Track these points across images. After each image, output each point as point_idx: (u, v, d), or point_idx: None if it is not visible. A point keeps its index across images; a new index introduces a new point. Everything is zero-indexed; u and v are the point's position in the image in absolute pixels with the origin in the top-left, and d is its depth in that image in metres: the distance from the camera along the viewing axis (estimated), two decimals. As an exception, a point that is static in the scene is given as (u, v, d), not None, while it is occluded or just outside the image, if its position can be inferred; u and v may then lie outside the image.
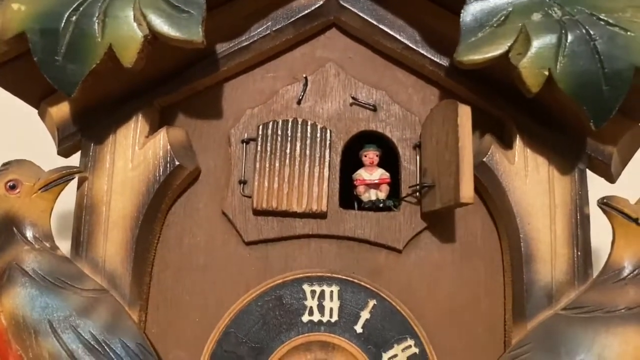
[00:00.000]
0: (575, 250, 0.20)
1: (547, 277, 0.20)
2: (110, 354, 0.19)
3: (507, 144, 0.21)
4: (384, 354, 0.20)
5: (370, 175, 0.22)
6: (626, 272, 0.20)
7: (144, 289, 0.21)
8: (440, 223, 0.22)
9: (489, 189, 0.21)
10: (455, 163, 0.19)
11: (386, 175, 0.22)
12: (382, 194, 0.22)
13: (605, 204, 0.20)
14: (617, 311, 0.19)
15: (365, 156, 0.22)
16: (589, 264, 0.20)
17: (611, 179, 0.21)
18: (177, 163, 0.21)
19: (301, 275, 0.21)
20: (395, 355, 0.21)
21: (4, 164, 0.21)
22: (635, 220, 0.19)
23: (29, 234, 0.20)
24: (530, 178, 0.21)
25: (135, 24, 0.18)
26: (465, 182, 0.18)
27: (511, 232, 0.21)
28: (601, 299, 0.19)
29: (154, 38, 0.19)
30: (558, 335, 0.19)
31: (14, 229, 0.20)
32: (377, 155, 0.22)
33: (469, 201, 0.18)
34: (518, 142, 0.21)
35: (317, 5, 0.22)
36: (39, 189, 0.20)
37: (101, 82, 0.20)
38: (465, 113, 0.19)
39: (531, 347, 0.19)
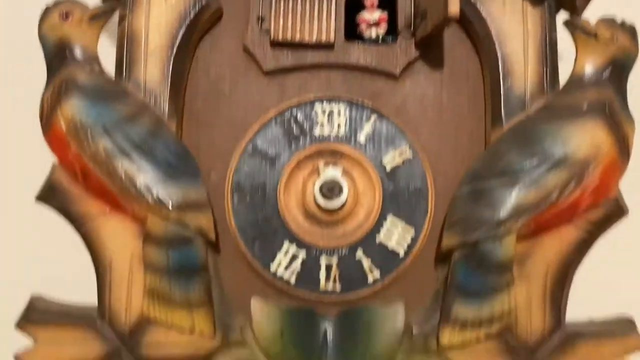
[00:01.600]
0: (544, 68, 0.24)
1: (521, 89, 0.24)
2: (156, 151, 0.23)
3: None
4: (383, 158, 0.24)
5: (371, 15, 0.26)
6: (587, 78, 0.23)
7: (178, 110, 0.25)
8: (431, 53, 0.25)
9: (472, 18, 0.25)
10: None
11: (384, 14, 0.26)
12: (381, 30, 0.26)
13: (569, 23, 0.24)
14: (579, 108, 0.23)
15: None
16: (556, 79, 0.24)
17: (577, 11, 0.25)
18: (204, 3, 0.25)
19: (313, 98, 0.25)
20: (393, 159, 0.24)
21: (56, 1, 0.25)
22: (594, 35, 0.23)
23: (80, 56, 0.24)
24: (507, 9, 0.24)
25: None
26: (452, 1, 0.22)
27: (491, 55, 0.24)
28: (566, 101, 0.23)
29: None
30: (528, 130, 0.23)
31: (67, 52, 0.24)
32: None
33: (455, 16, 0.22)
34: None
35: None
36: (88, 19, 0.24)
37: None
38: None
39: (505, 141, 0.23)
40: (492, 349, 0.22)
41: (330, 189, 0.23)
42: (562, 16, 0.26)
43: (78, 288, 0.24)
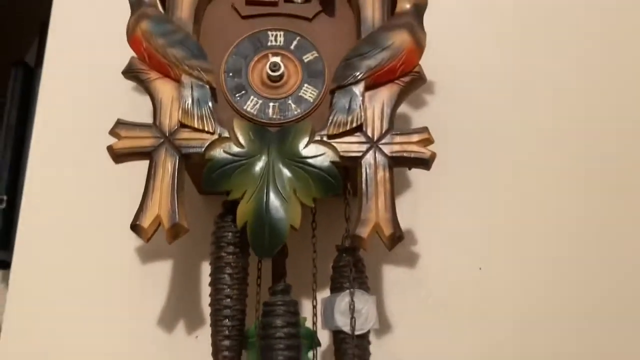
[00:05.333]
0: (383, 8, 0.47)
1: (370, 20, 0.47)
2: (186, 46, 0.44)
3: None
4: (303, 57, 0.46)
5: (298, -9, 0.49)
6: (402, 12, 0.46)
7: (195, 35, 0.47)
8: (327, 6, 0.48)
9: (347, -10, 0.48)
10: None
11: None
12: (302, -2, 0.49)
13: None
14: (397, 26, 0.45)
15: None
16: (390, 13, 0.47)
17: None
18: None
19: (267, 29, 0.47)
20: (307, 57, 0.46)
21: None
22: (403, -6, 0.47)
23: (148, 2, 0.46)
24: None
25: None
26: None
27: (356, 5, 0.47)
28: (392, 23, 0.46)
29: None
30: (372, 36, 0.45)
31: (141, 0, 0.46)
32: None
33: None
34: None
35: None
36: (153, -14, 0.47)
37: None
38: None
39: (361, 42, 0.45)
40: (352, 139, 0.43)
41: (275, 64, 0.45)
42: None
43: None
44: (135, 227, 0.41)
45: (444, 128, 0.49)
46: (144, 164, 0.43)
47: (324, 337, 0.47)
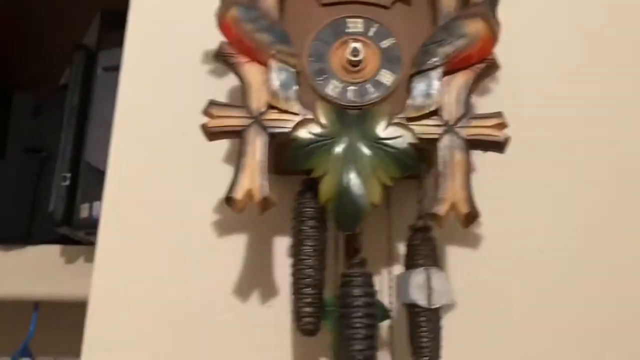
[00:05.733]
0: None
1: (446, 9, 0.49)
2: (273, 30, 0.47)
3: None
4: (380, 43, 0.49)
5: (375, -20, 0.51)
6: (477, 2, 0.48)
7: (280, 20, 0.49)
8: (404, -4, 0.51)
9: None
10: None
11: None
12: (380, -13, 0.51)
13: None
14: (472, 14, 0.48)
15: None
16: (465, 4, 0.49)
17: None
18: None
19: (346, 15, 0.50)
20: (386, 43, 0.49)
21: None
22: (479, -16, 0.49)
23: None
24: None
25: None
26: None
27: (433, -4, 0.50)
28: (467, 12, 0.48)
29: None
30: (448, 24, 0.47)
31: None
32: None
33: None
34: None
35: None
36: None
37: None
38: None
39: (438, 30, 0.48)
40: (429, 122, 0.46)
41: (355, 49, 0.47)
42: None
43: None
44: (228, 199, 0.44)
45: (509, 113, 0.51)
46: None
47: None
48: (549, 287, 0.54)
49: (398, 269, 0.49)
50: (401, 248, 0.49)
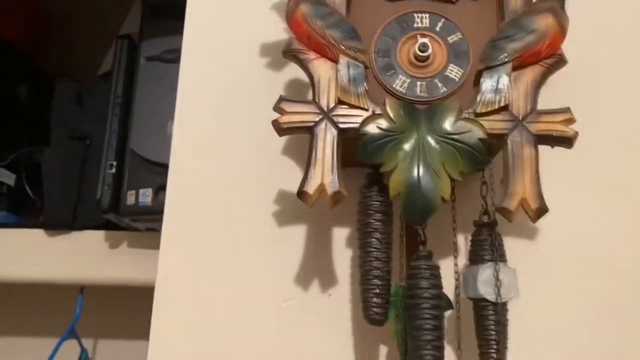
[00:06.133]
0: None
1: (513, 5, 0.49)
2: (342, 28, 0.48)
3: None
4: (447, 37, 0.49)
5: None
6: None
7: (347, 16, 0.50)
8: (470, -9, 0.51)
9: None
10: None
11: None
12: (445, -18, 0.51)
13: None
14: (542, 10, 0.48)
15: None
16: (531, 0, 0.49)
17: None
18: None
19: (412, 11, 0.50)
20: (453, 38, 0.49)
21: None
22: (548, -22, 0.49)
23: None
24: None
25: None
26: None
27: (499, -10, 0.50)
28: (536, 7, 0.48)
29: None
30: (517, 20, 0.47)
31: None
32: None
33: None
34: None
35: None
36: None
37: None
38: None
39: (506, 25, 0.48)
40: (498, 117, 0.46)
41: (423, 45, 0.48)
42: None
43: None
44: (301, 193, 0.45)
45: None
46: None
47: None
48: (612, 284, 0.55)
49: (462, 262, 0.49)
50: (463, 242, 0.50)
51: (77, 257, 0.99)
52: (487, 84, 0.46)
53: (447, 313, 0.50)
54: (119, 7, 1.27)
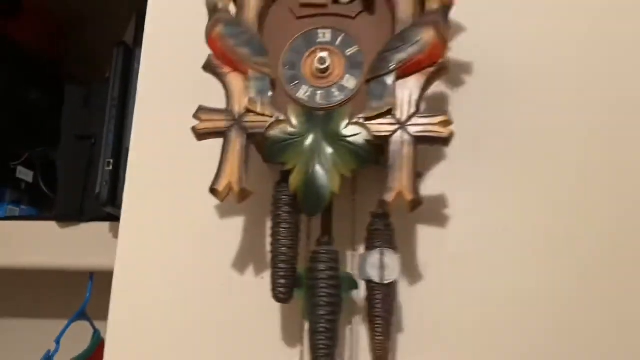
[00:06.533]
0: (415, 7, 0.55)
1: (404, 19, 0.55)
2: (252, 45, 0.55)
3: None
4: (345, 50, 0.56)
5: (344, -7, 0.58)
6: (431, 11, 0.54)
7: (259, 34, 0.57)
8: (368, 7, 0.57)
9: (385, -8, 0.56)
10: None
11: (349, -7, 0.58)
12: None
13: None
14: (425, 22, 0.53)
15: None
16: (421, 12, 0.55)
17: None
18: (272, -10, 0.58)
19: (316, 27, 0.57)
20: (350, 51, 0.56)
21: (213, -10, 0.58)
22: (432, -5, 0.54)
23: (222, 8, 0.57)
24: (400, -13, 0.56)
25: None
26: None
27: (393, 5, 0.56)
28: (421, 20, 0.54)
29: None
30: (404, 32, 0.53)
31: (217, 7, 0.57)
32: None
33: None
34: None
35: None
36: (226, -5, 0.58)
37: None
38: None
39: (394, 37, 0.54)
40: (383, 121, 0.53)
41: (321, 58, 0.55)
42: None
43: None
44: (212, 190, 0.53)
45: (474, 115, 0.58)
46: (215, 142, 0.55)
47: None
48: (511, 264, 0.61)
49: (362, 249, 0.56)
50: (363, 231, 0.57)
51: (87, 246, 1.10)
52: (374, 92, 0.53)
53: (355, 293, 0.57)
54: (125, 17, 1.37)
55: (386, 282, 0.52)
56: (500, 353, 0.58)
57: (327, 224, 0.56)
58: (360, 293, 0.57)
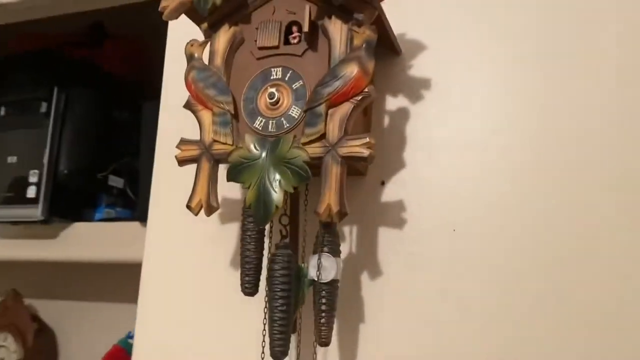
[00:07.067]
0: (347, 46, 0.64)
1: (336, 55, 0.64)
2: (217, 87, 0.67)
3: None
4: (292, 85, 0.66)
5: (293, 35, 0.68)
6: (357, 47, 0.62)
7: (226, 78, 0.69)
8: (313, 47, 0.67)
9: (322, 33, 0.65)
10: None
11: (298, 34, 0.68)
12: (295, 40, 0.68)
13: (355, 26, 0.63)
14: (351, 59, 0.62)
15: None
16: (350, 48, 0.63)
17: (360, 22, 0.64)
18: (237, 39, 0.69)
19: (271, 66, 0.68)
20: (296, 85, 0.66)
21: (190, 41, 0.71)
22: (362, 32, 0.62)
23: (196, 57, 0.70)
24: (335, 26, 0.65)
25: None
26: None
27: (327, 42, 0.65)
28: (346, 58, 0.62)
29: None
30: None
31: (192, 57, 0.70)
32: None
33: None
34: None
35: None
36: (199, 45, 0.70)
37: None
38: None
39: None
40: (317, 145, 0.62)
41: (271, 93, 0.65)
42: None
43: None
44: (188, 206, 0.67)
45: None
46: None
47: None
48: (462, 261, 0.68)
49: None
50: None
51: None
52: (309, 120, 0.63)
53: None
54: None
55: (323, 281, 0.62)
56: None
57: (285, 232, 0.67)
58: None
